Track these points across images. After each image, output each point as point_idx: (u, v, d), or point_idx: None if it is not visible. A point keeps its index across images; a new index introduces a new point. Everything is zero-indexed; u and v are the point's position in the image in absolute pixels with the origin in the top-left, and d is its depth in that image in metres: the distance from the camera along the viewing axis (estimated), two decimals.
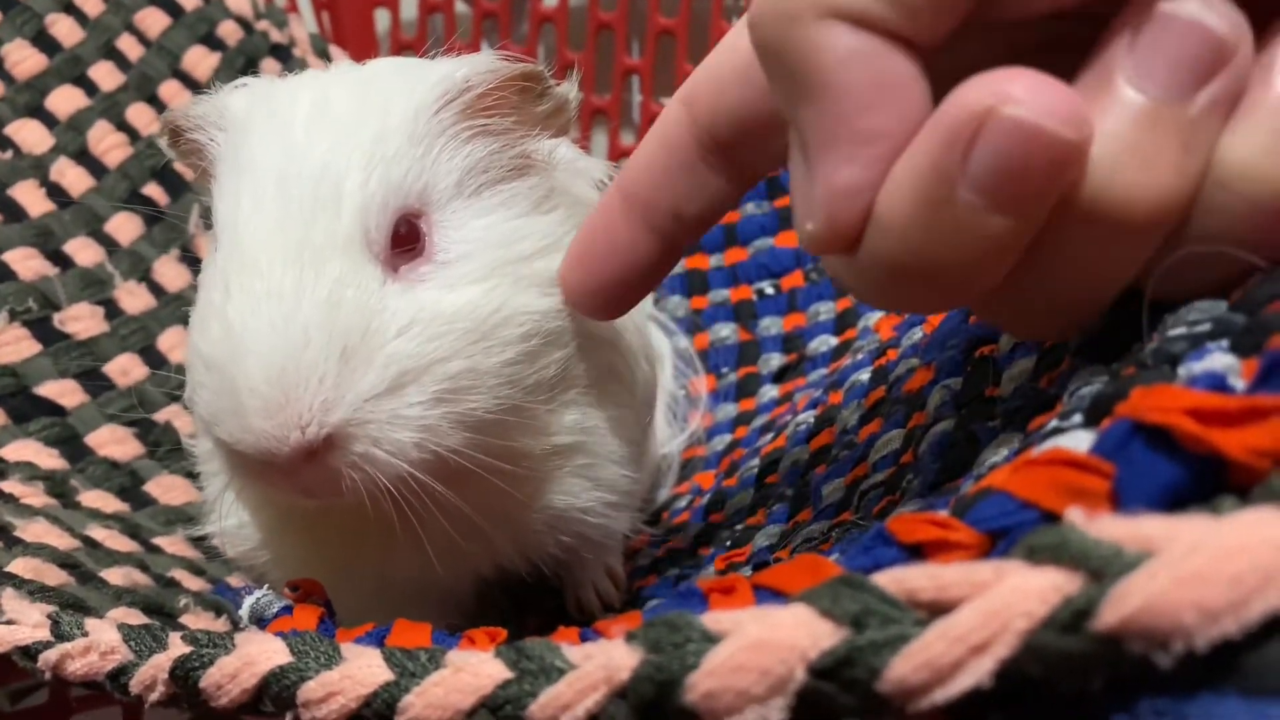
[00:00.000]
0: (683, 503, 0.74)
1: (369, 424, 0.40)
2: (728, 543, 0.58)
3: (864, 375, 0.59)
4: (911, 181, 0.29)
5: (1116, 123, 0.27)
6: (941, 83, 0.29)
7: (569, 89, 0.49)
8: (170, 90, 0.96)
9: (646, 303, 0.93)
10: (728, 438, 0.80)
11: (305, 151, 0.43)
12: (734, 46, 0.38)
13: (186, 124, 0.48)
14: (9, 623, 0.40)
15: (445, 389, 0.42)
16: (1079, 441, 0.26)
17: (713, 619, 0.23)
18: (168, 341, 0.83)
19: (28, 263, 0.80)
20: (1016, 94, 0.27)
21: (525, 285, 0.45)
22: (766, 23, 0.31)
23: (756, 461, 0.66)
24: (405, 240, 0.43)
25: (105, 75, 0.93)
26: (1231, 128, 0.28)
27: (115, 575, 0.60)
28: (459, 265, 0.44)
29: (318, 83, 0.47)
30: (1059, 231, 0.29)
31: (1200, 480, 0.22)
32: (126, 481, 0.74)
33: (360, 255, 0.42)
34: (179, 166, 0.52)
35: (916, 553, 0.27)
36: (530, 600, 0.65)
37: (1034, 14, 0.30)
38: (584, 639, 0.35)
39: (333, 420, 0.40)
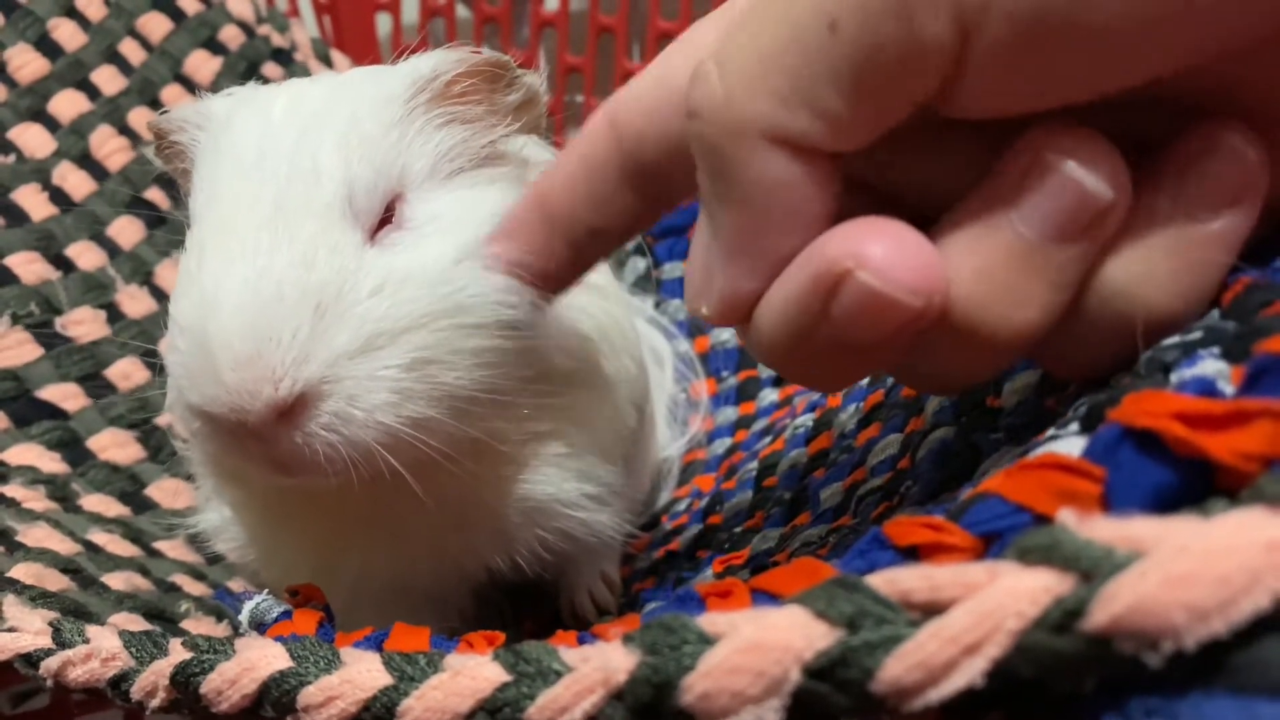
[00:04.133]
0: (682, 506, 0.74)
1: (344, 381, 0.40)
2: (726, 545, 0.58)
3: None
4: (783, 308, 0.32)
5: (993, 259, 0.29)
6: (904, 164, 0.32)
7: (537, 79, 0.50)
8: (172, 94, 0.97)
9: (643, 304, 0.94)
10: (728, 441, 0.80)
11: (282, 130, 0.44)
12: (665, 78, 0.37)
13: (170, 127, 0.49)
14: (10, 630, 0.40)
15: (420, 357, 0.42)
16: (1072, 446, 0.26)
17: (708, 621, 0.23)
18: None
19: (30, 266, 0.80)
20: (873, 259, 0.29)
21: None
22: (709, 125, 0.31)
23: (755, 464, 0.66)
24: (383, 220, 0.44)
25: (107, 79, 0.94)
26: (1116, 250, 0.30)
27: (116, 580, 0.60)
28: (426, 227, 0.44)
29: (295, 85, 0.49)
30: (931, 338, 0.31)
31: (1189, 484, 0.22)
32: (128, 485, 0.74)
33: (337, 221, 0.42)
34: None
35: (912, 556, 0.27)
36: (529, 605, 0.65)
37: (974, 118, 0.31)
38: (582, 642, 0.35)
39: (306, 374, 0.39)
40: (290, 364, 0.39)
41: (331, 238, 0.42)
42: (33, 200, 0.84)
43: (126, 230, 0.88)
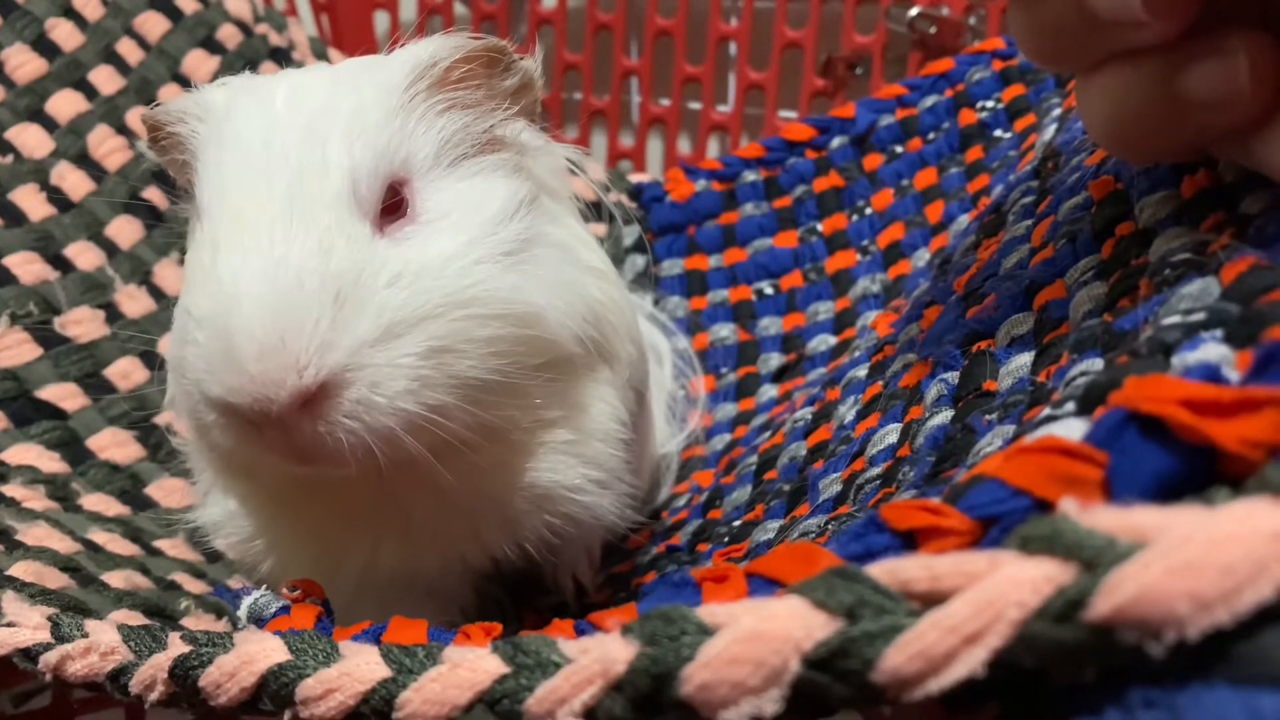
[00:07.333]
0: (682, 501, 0.74)
1: (366, 369, 0.40)
2: (726, 539, 0.58)
3: (861, 371, 0.59)
4: None
5: None
6: None
7: (533, 64, 0.50)
8: (170, 94, 0.96)
9: (643, 301, 0.94)
10: (727, 437, 0.80)
11: (288, 122, 0.44)
12: None
13: (167, 119, 0.49)
14: (10, 625, 0.40)
15: (436, 345, 0.42)
16: (1072, 430, 0.26)
17: (708, 611, 0.23)
18: (168, 345, 0.83)
19: (28, 267, 0.80)
20: None
21: (501, 253, 0.46)
22: None
23: (754, 459, 0.66)
24: (391, 207, 0.45)
25: (105, 79, 0.94)
26: None
27: (116, 578, 0.60)
28: (438, 223, 0.45)
29: (294, 76, 0.49)
30: None
31: (1193, 471, 0.22)
32: (127, 485, 0.74)
33: (348, 211, 0.42)
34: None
35: (909, 539, 0.27)
36: (528, 598, 0.65)
37: None
38: (579, 631, 0.35)
39: (330, 362, 0.39)
40: (314, 352, 0.39)
41: (346, 228, 0.42)
42: (31, 200, 0.84)
43: (125, 230, 0.88)
